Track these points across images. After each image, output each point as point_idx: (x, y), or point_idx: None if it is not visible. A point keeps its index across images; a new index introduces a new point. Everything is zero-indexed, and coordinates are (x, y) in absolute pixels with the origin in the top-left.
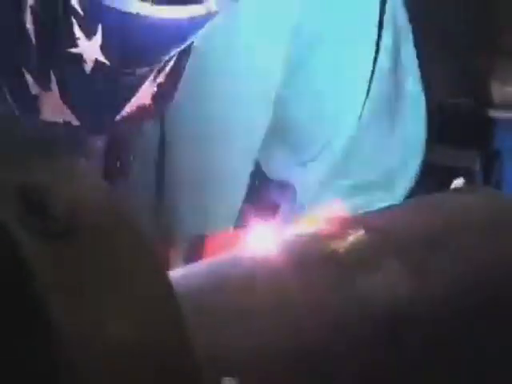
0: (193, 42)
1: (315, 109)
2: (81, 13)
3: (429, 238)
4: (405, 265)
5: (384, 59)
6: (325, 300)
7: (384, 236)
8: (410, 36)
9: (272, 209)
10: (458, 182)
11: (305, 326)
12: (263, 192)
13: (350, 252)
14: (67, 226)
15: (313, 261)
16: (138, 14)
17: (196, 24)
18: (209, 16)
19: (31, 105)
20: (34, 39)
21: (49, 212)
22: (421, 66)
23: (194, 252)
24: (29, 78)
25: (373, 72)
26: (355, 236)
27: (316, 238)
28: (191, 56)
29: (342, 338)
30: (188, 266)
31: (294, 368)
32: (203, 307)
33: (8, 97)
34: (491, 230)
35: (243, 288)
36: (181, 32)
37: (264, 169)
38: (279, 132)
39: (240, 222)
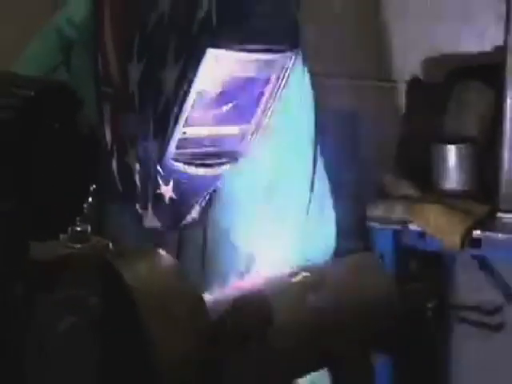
0: (217, 186)
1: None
2: (162, 172)
3: (337, 278)
4: (328, 291)
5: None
6: (288, 309)
7: (316, 276)
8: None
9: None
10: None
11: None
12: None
13: (298, 283)
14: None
15: (283, 288)
16: (190, 173)
17: (219, 177)
18: (224, 173)
19: (137, 218)
20: (139, 184)
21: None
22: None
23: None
24: (136, 204)
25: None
26: (301, 276)
27: (283, 278)
28: (216, 192)
29: (296, 329)
30: None
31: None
32: None
33: (126, 214)
34: (364, 274)
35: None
36: (212, 181)
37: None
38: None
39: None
